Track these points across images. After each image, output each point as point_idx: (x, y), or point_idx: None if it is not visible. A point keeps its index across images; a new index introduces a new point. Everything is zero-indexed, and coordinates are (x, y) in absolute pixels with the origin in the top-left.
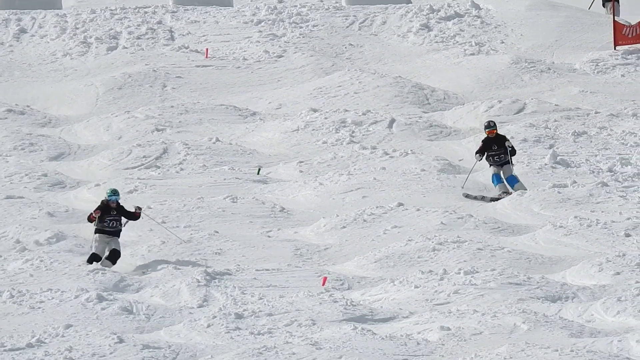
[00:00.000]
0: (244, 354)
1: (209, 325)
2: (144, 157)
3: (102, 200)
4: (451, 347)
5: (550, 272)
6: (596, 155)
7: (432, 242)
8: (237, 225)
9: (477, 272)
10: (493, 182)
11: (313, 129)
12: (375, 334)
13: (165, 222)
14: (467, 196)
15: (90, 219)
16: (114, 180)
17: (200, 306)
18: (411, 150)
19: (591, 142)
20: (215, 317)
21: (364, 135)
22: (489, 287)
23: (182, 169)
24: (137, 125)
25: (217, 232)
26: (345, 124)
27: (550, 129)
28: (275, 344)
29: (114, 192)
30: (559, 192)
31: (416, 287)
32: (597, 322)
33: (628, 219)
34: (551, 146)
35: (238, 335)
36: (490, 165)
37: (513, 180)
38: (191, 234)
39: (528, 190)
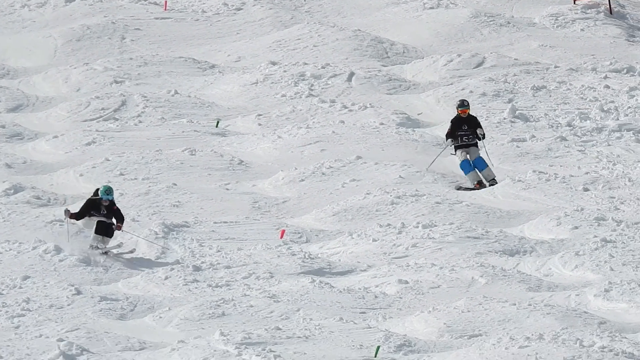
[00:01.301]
0: (201, 306)
1: (166, 278)
2: (103, 109)
3: (90, 198)
4: (409, 300)
5: (508, 226)
6: (555, 110)
7: (391, 195)
8: (196, 178)
9: (436, 225)
10: (463, 170)
11: (272, 82)
12: (333, 287)
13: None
14: (459, 189)
15: (68, 215)
16: (72, 133)
17: (158, 258)
18: (370, 104)
19: (550, 96)
20: (173, 269)
21: (323, 88)
22: (447, 240)
23: (140, 122)
24: (96, 77)
25: (175, 184)
26: (304, 77)
27: (509, 83)
28: (233, 297)
29: (108, 191)
30: (517, 147)
31: (374, 240)
32: (555, 276)
33: (586, 173)
34: (510, 100)
35: (196, 288)
36: (457, 147)
37: (481, 164)
38: (149, 187)
39: (497, 177)
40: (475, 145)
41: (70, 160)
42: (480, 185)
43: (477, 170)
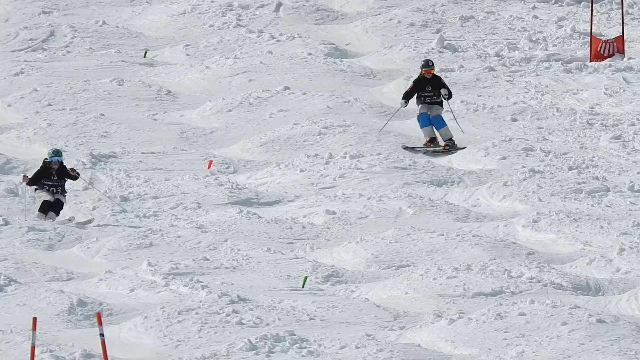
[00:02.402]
0: (129, 236)
1: (94, 208)
2: (31, 39)
3: (44, 160)
4: (337, 230)
5: (436, 156)
6: (483, 40)
7: (318, 126)
8: (123, 108)
9: (363, 156)
10: (419, 123)
11: (200, 13)
12: (260, 217)
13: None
14: (405, 148)
15: (25, 180)
16: (0, 63)
17: (86, 189)
18: (298, 34)
19: (478, 26)
20: (100, 199)
21: (250, 18)
22: (375, 171)
23: (68, 52)
24: (24, 7)
25: (103, 115)
26: (232, 7)
27: (437, 13)
28: (160, 227)
29: (56, 152)
30: (446, 77)
31: (302, 171)
32: (483, 207)
33: (515, 103)
34: (438, 31)
35: (123, 218)
36: (419, 104)
37: (440, 122)
38: (77, 117)
39: (453, 139)
40: (440, 104)
41: None
42: (431, 143)
43: (434, 128)
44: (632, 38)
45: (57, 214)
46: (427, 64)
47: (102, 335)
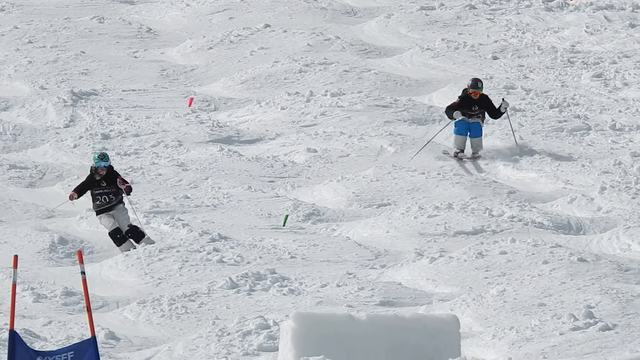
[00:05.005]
0: None
1: (75, 146)
2: None
3: (91, 167)
4: (317, 169)
5: (417, 95)
6: None
7: (299, 63)
8: (104, 46)
9: (344, 94)
10: (455, 128)
11: None
12: (241, 155)
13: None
14: (445, 153)
15: (70, 197)
16: None
17: (67, 126)
18: None
19: None
20: (81, 137)
21: None
22: (356, 109)
23: None
24: None
25: (84, 52)
26: None
27: None
28: (141, 165)
29: (102, 157)
30: (426, 15)
31: (283, 108)
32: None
33: (495, 41)
34: None
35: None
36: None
37: (477, 131)
38: (57, 54)
39: (481, 153)
40: (481, 119)
41: None
42: (457, 156)
43: (469, 137)
44: None
45: (144, 236)
46: (477, 85)
47: (83, 273)
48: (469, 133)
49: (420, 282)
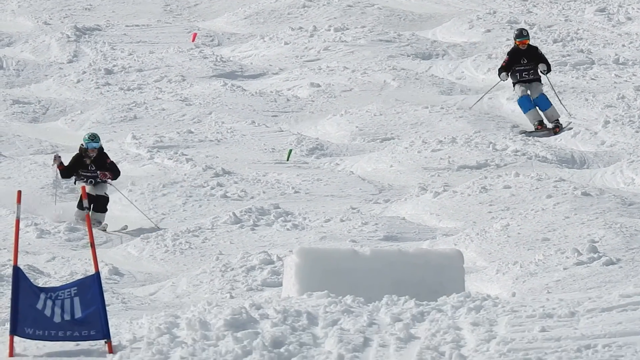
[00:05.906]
0: (113, 109)
1: (78, 81)
2: None
3: (80, 147)
4: (321, 103)
5: (420, 29)
6: None
7: None
8: None
9: (347, 29)
10: (522, 108)
11: None
12: (245, 90)
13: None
14: (522, 133)
15: (57, 162)
16: None
17: (70, 62)
18: None
19: None
20: (85, 72)
21: None
22: (359, 44)
23: None
24: None
25: None
26: None
27: None
28: (145, 100)
29: (93, 137)
30: None
31: (286, 43)
32: (467, 80)
33: None
34: None
35: (108, 91)
36: (515, 83)
37: (545, 103)
38: None
39: (561, 117)
40: (539, 80)
41: None
42: (542, 126)
43: (539, 109)
44: None
45: (104, 212)
46: (522, 34)
47: (87, 208)
48: (537, 107)
49: (424, 217)
